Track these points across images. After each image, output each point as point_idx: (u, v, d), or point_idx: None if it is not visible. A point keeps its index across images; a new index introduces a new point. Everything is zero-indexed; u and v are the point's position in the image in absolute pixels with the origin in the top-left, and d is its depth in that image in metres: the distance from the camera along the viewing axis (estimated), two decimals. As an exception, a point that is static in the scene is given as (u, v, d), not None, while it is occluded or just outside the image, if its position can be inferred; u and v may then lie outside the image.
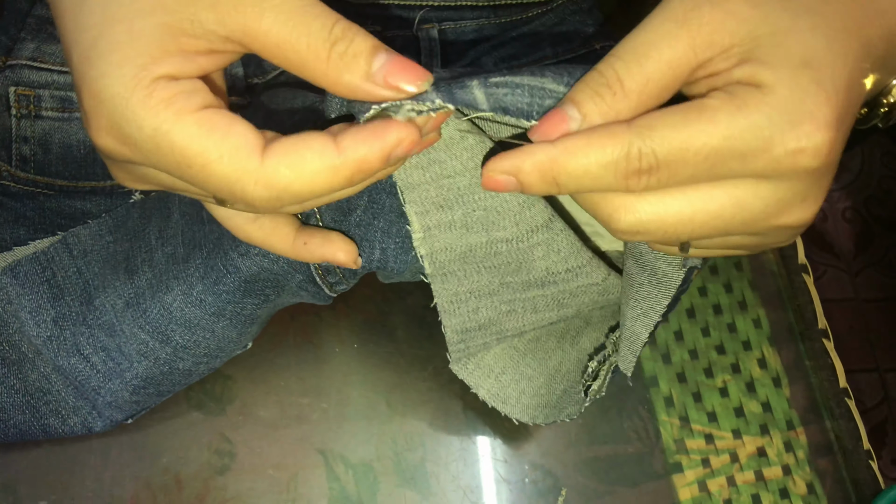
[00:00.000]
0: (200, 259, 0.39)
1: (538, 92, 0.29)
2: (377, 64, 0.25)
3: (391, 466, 0.45)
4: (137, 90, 0.24)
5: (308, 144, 0.25)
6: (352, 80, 0.25)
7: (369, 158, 0.25)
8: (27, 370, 0.40)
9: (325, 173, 0.25)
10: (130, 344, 0.39)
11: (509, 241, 0.36)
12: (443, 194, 0.34)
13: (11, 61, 0.46)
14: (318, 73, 0.25)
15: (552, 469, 0.46)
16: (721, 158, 0.26)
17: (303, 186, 0.25)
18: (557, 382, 0.43)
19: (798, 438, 0.49)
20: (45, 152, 0.46)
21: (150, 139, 0.24)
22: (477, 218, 0.35)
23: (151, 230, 0.41)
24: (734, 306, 0.52)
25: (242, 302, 0.39)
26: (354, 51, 0.25)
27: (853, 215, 1.34)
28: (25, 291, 0.40)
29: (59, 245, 0.41)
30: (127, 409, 0.41)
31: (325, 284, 0.41)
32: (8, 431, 0.41)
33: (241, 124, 0.25)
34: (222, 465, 0.44)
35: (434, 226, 0.35)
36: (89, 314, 0.40)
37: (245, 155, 0.25)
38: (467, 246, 0.36)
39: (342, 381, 0.46)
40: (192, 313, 0.39)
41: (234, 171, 0.25)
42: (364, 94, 0.26)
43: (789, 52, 0.25)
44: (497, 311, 0.39)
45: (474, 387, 0.42)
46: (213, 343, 0.40)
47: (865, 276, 1.30)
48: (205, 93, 0.25)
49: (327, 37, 0.25)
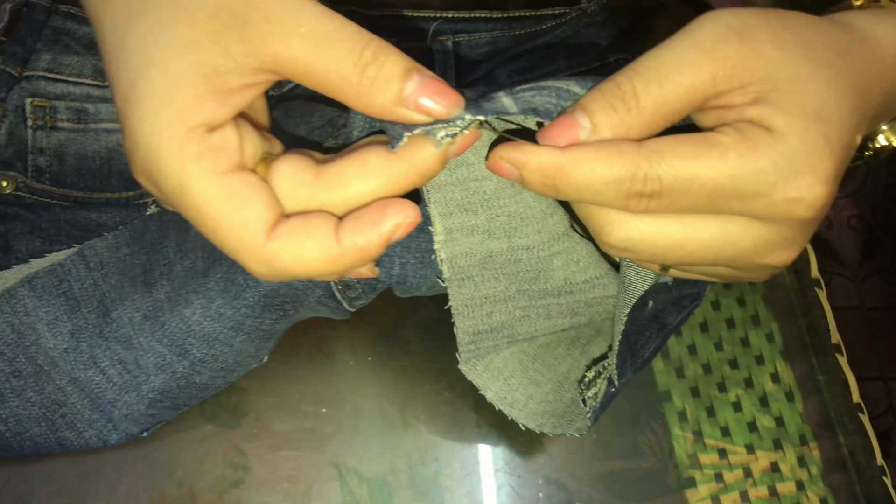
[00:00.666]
0: (221, 273, 0.39)
1: (564, 93, 0.29)
2: (409, 88, 0.25)
3: (405, 481, 0.45)
4: (170, 140, 0.25)
5: (310, 232, 0.26)
6: (384, 105, 0.25)
7: (368, 247, 0.26)
8: (43, 382, 0.40)
9: (325, 262, 0.26)
10: (148, 357, 0.39)
11: (530, 248, 0.36)
12: (468, 197, 0.34)
13: (28, 72, 0.46)
14: (350, 97, 0.25)
15: (566, 484, 0.46)
16: (723, 195, 0.26)
17: (301, 271, 0.26)
18: (565, 390, 0.43)
19: (811, 454, 0.49)
20: (60, 164, 0.46)
21: (174, 190, 0.25)
22: (500, 224, 0.35)
23: (169, 243, 0.41)
24: (747, 320, 0.52)
25: (261, 317, 0.39)
26: (386, 75, 0.25)
27: (858, 223, 1.34)
28: (42, 304, 0.40)
29: (75, 257, 0.41)
30: (143, 422, 0.41)
31: (344, 299, 0.41)
32: (24, 444, 0.41)
33: (258, 199, 0.26)
34: (237, 478, 0.44)
35: (456, 229, 0.35)
36: (106, 326, 0.40)
37: (251, 232, 0.25)
38: (488, 252, 0.36)
39: (356, 393, 0.46)
40: (210, 327, 0.39)
41: (239, 244, 0.26)
42: (396, 118, 0.26)
43: (804, 103, 0.26)
44: (511, 316, 0.39)
45: (482, 388, 0.41)
46: (230, 357, 0.40)
47: (870, 284, 1.30)
48: (234, 151, 0.26)
49: (357, 61, 0.25)
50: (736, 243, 0.28)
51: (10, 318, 0.40)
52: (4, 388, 0.40)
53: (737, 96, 0.27)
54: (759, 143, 0.26)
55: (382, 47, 0.25)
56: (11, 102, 0.45)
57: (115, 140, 0.47)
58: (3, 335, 0.40)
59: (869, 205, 1.36)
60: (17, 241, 0.43)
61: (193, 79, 0.25)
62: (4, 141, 0.45)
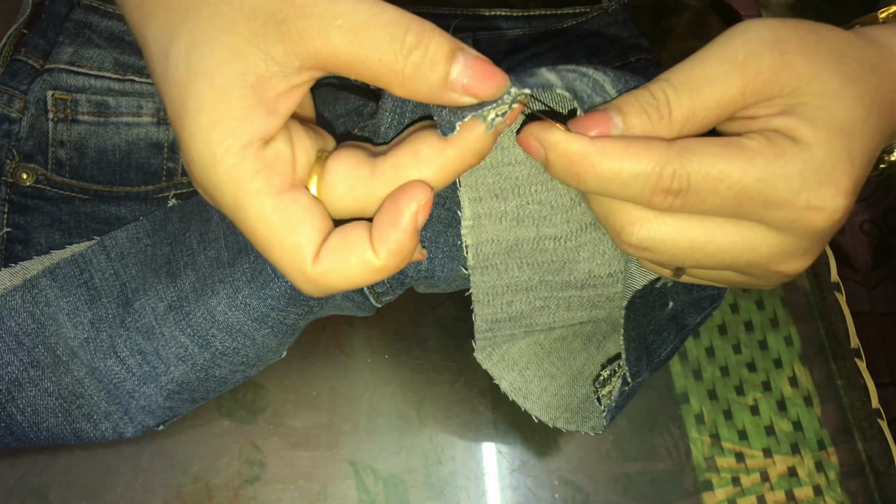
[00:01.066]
0: (248, 263, 0.38)
1: (599, 88, 0.29)
2: (456, 70, 0.25)
3: (421, 479, 0.44)
4: (224, 159, 0.25)
5: (351, 249, 0.26)
6: (430, 90, 0.25)
7: (402, 245, 0.26)
8: (61, 373, 0.40)
9: (368, 274, 0.27)
10: (169, 348, 0.39)
11: (557, 238, 0.36)
12: (500, 182, 0.34)
13: (49, 65, 0.46)
14: (395, 85, 0.25)
15: (582, 485, 0.46)
16: (748, 198, 0.26)
17: (347, 286, 0.27)
18: (580, 385, 0.43)
19: (829, 459, 0.48)
20: (80, 157, 0.46)
21: (229, 207, 0.26)
22: (530, 211, 0.35)
23: (192, 234, 0.41)
24: (766, 323, 0.52)
25: (286, 310, 0.39)
26: (430, 59, 0.24)
27: (871, 228, 1.34)
28: (63, 294, 0.40)
29: (96, 247, 0.41)
30: (159, 414, 0.41)
31: (371, 294, 0.41)
32: (40, 434, 0.41)
33: (309, 222, 0.26)
34: (252, 474, 0.44)
35: (485, 214, 0.35)
36: (127, 317, 0.40)
37: (301, 257, 0.26)
38: (515, 240, 0.36)
39: (373, 391, 0.46)
40: (235, 318, 0.39)
41: (290, 267, 0.26)
42: (443, 102, 0.26)
43: (832, 116, 0.27)
44: (531, 306, 0.38)
45: (497, 378, 0.41)
46: (251, 351, 0.40)
47: (883, 290, 1.30)
48: (287, 167, 0.26)
49: (399, 48, 0.24)
50: (754, 250, 0.28)
51: (31, 307, 0.40)
52: (23, 378, 0.40)
53: (764, 108, 0.27)
54: (787, 151, 0.26)
55: (425, 29, 0.24)
56: (33, 95, 0.45)
57: (135, 134, 0.47)
58: (23, 325, 0.40)
59: (881, 210, 1.35)
60: (36, 234, 0.43)
61: (240, 90, 0.25)
62: (25, 133, 0.45)
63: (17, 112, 0.45)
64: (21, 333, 0.40)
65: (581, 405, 0.43)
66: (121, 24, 0.48)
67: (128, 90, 0.47)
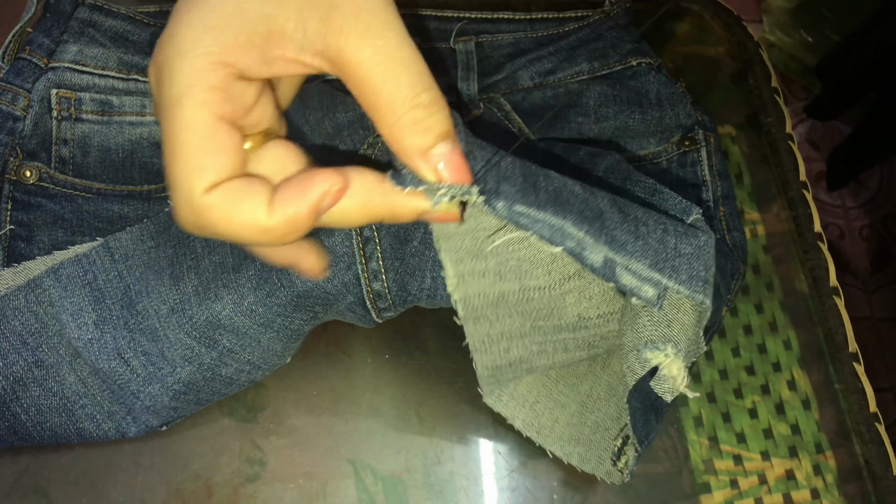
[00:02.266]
0: (253, 270, 0.39)
1: (557, 234, 0.30)
2: (439, 149, 0.26)
3: (420, 479, 0.45)
4: (199, 59, 0.25)
5: (248, 197, 0.26)
6: (409, 148, 0.26)
7: (298, 217, 0.26)
8: (65, 373, 0.40)
9: (254, 230, 0.26)
10: (175, 349, 0.39)
11: (542, 288, 0.36)
12: (477, 245, 0.34)
13: (54, 63, 0.46)
14: (385, 124, 0.26)
15: (580, 487, 0.46)
16: None
17: (228, 232, 0.26)
18: (589, 411, 0.43)
19: (827, 462, 0.49)
20: (84, 155, 0.46)
21: (169, 98, 0.25)
22: (510, 268, 0.35)
23: (196, 238, 0.41)
24: (765, 327, 0.52)
25: (292, 316, 0.40)
26: (428, 124, 0.26)
27: (870, 233, 1.34)
28: (67, 294, 0.40)
29: (100, 249, 0.41)
30: (164, 414, 0.41)
31: (374, 309, 0.42)
32: (44, 434, 0.41)
33: (228, 154, 0.26)
34: (252, 472, 0.44)
35: (468, 273, 0.35)
36: (131, 318, 0.40)
37: (197, 179, 0.25)
38: (500, 293, 0.36)
39: (373, 391, 0.46)
40: (240, 322, 0.39)
41: (182, 184, 0.25)
42: (411, 164, 0.27)
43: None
44: (528, 351, 0.39)
45: (510, 418, 0.42)
46: (257, 352, 0.41)
47: (881, 295, 1.30)
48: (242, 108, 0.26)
49: (412, 99, 0.25)
50: None
51: (34, 307, 0.40)
52: (27, 378, 0.40)
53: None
54: None
55: (439, 100, 0.26)
56: (37, 93, 0.45)
57: (139, 133, 0.47)
58: (27, 325, 0.40)
59: (881, 215, 1.35)
60: (39, 231, 0.44)
61: (257, 25, 0.25)
62: (29, 131, 0.45)
63: (21, 110, 0.45)
64: (25, 333, 0.40)
65: (592, 436, 0.43)
66: (125, 24, 0.49)
67: (132, 89, 0.47)
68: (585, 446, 0.43)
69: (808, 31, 1.27)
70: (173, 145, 0.25)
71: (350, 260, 0.40)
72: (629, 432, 0.41)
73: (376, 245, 0.40)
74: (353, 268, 0.40)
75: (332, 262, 0.39)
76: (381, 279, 0.41)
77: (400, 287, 0.41)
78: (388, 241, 0.39)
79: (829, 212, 1.35)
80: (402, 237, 0.40)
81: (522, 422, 0.42)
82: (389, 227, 0.40)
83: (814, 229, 0.54)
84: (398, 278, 0.41)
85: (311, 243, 0.33)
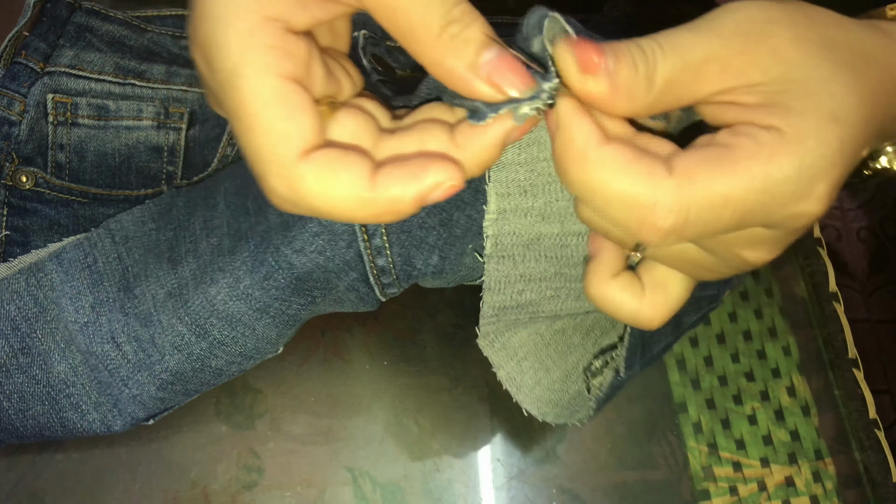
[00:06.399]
0: (248, 252, 0.38)
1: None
2: (485, 57, 0.24)
3: (419, 486, 0.44)
4: (242, 21, 0.23)
5: (347, 166, 0.24)
6: (455, 66, 0.24)
7: (402, 200, 0.24)
8: (54, 361, 0.40)
9: (352, 202, 0.24)
10: (165, 336, 0.39)
11: (581, 234, 0.35)
12: (532, 179, 0.33)
13: (50, 68, 0.46)
14: (424, 47, 0.24)
15: (580, 493, 0.46)
16: (752, 214, 0.25)
17: (323, 205, 0.24)
18: (572, 381, 0.43)
19: (826, 469, 0.48)
20: (80, 160, 0.46)
21: (226, 74, 0.24)
22: (557, 208, 0.34)
23: (196, 219, 0.40)
24: (764, 333, 0.52)
25: (289, 300, 0.39)
26: (467, 36, 0.24)
27: (868, 235, 1.34)
28: (68, 278, 0.40)
29: (101, 230, 0.41)
30: (150, 406, 0.40)
31: (377, 285, 0.40)
32: (26, 423, 0.40)
33: (309, 115, 0.24)
34: (250, 480, 0.43)
35: (511, 210, 0.34)
36: (127, 302, 0.39)
37: (287, 146, 0.24)
38: (537, 234, 0.35)
39: (371, 398, 0.46)
40: (236, 307, 0.38)
41: (270, 155, 0.24)
42: (462, 84, 0.25)
43: (819, 103, 0.25)
44: (541, 295, 0.38)
45: (496, 366, 0.41)
46: (250, 342, 0.40)
47: (879, 297, 1.30)
48: (301, 61, 0.24)
49: (445, 14, 0.24)
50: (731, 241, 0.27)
51: (35, 291, 0.39)
52: (10, 365, 0.39)
53: (744, 94, 0.25)
54: (779, 150, 0.24)
55: (472, 11, 0.24)
56: (33, 98, 0.45)
57: (135, 138, 0.47)
58: (23, 309, 0.39)
59: (878, 217, 1.35)
60: (35, 237, 0.43)
61: None
62: (25, 136, 0.44)
63: (17, 115, 0.44)
64: (19, 318, 0.39)
65: (571, 401, 0.43)
66: (122, 28, 0.48)
67: (128, 94, 0.47)
68: (562, 408, 0.42)
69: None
70: (247, 121, 0.24)
71: (351, 237, 0.38)
72: (610, 358, 0.41)
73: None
74: (354, 245, 0.38)
75: (331, 241, 0.38)
76: (385, 254, 0.39)
77: (405, 261, 0.40)
78: None
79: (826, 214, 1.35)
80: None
81: (507, 374, 0.41)
82: None
83: (813, 234, 0.54)
84: (403, 252, 0.40)
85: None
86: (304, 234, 0.38)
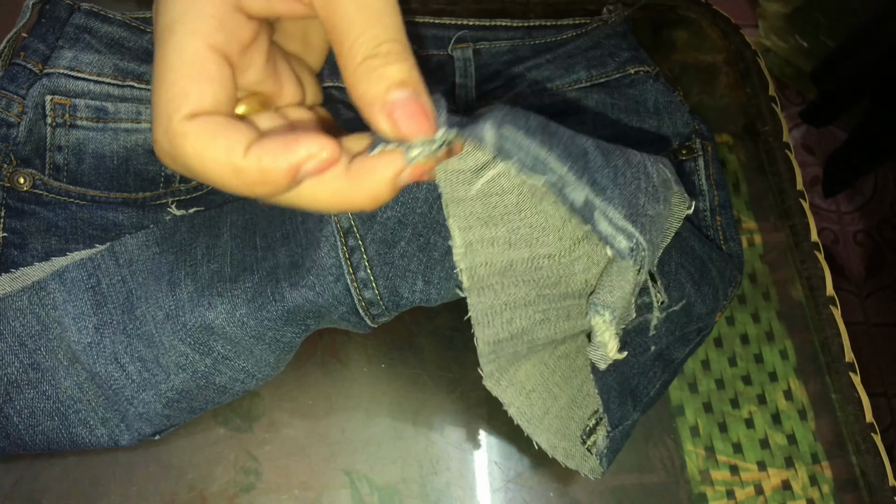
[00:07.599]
0: (251, 283, 0.38)
1: (540, 165, 0.29)
2: (394, 96, 0.25)
3: (416, 489, 0.44)
4: (198, 21, 0.24)
5: (227, 133, 0.24)
6: (364, 95, 0.25)
7: (274, 171, 0.24)
8: (61, 377, 0.40)
9: (224, 168, 0.24)
10: (169, 356, 0.39)
11: (552, 256, 0.35)
12: (489, 211, 0.34)
13: (48, 69, 0.46)
14: (346, 69, 0.25)
15: (577, 497, 0.46)
16: None
17: (199, 167, 0.25)
18: (577, 406, 0.43)
19: (823, 472, 0.49)
20: (78, 162, 0.46)
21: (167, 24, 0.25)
22: (521, 235, 0.35)
23: (198, 246, 0.41)
24: (761, 337, 0.52)
25: (283, 330, 0.39)
26: (382, 73, 0.25)
27: (865, 238, 1.34)
28: (71, 298, 0.40)
29: (106, 253, 0.41)
30: (157, 422, 0.41)
31: (367, 316, 0.41)
32: (36, 438, 0.40)
33: (215, 86, 0.25)
34: (248, 483, 0.43)
35: (476, 241, 0.34)
36: (129, 323, 0.40)
37: (179, 104, 0.24)
38: (508, 261, 0.36)
39: (369, 401, 0.46)
40: (232, 332, 0.39)
41: (164, 107, 0.24)
42: (367, 112, 0.25)
43: None
44: (531, 321, 0.38)
45: (507, 405, 0.41)
46: (251, 360, 0.40)
47: (875, 300, 1.30)
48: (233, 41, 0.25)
49: (371, 47, 0.25)
50: None
51: (37, 310, 0.40)
52: (21, 380, 0.39)
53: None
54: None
55: (402, 53, 0.25)
56: (31, 99, 0.45)
57: (134, 140, 0.47)
58: (28, 326, 0.40)
59: (875, 221, 1.36)
60: (33, 239, 0.43)
61: None
62: (23, 138, 0.44)
63: (15, 116, 0.44)
64: (24, 335, 0.40)
65: (577, 431, 0.43)
66: (121, 30, 0.48)
67: (127, 96, 0.47)
68: (571, 441, 0.42)
69: (803, 37, 1.27)
70: (160, 71, 0.25)
71: (338, 272, 0.39)
72: (601, 416, 0.41)
73: (362, 253, 0.39)
74: (341, 279, 0.39)
75: (320, 276, 0.39)
76: (371, 287, 0.40)
77: (391, 292, 0.41)
78: (374, 248, 0.39)
79: (823, 217, 1.36)
80: (388, 241, 0.39)
81: (517, 410, 0.41)
82: (375, 233, 0.40)
83: (810, 238, 0.54)
84: (389, 283, 0.41)
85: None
86: (301, 269, 0.38)
